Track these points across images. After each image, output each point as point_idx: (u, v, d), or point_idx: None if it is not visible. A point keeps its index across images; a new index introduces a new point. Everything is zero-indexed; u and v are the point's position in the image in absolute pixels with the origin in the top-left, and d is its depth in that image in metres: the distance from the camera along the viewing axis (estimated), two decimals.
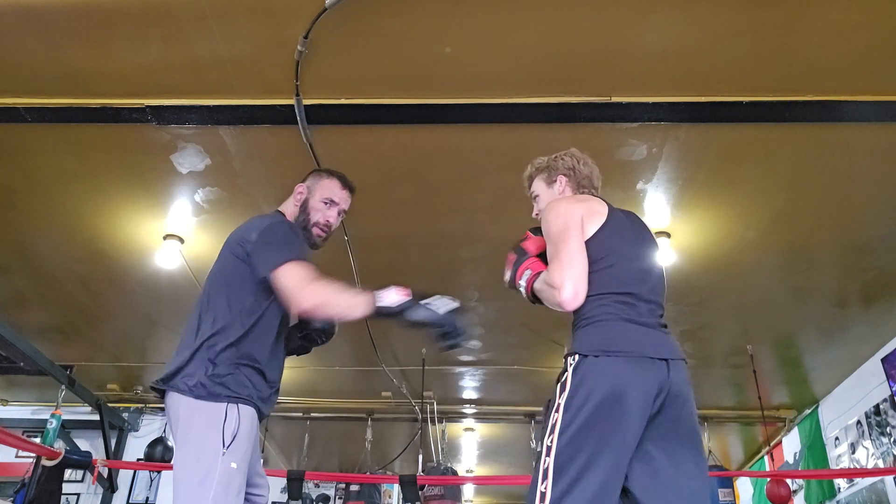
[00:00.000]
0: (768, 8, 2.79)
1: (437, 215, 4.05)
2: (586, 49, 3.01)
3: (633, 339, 1.76)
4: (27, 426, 7.08)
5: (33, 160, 3.72)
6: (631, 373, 1.68)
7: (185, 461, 1.90)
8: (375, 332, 5.46)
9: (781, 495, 5.55)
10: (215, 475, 1.85)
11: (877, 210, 3.94)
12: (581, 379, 1.69)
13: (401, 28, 2.93)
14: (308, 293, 1.96)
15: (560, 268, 1.82)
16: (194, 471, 1.87)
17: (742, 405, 6.97)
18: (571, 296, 1.78)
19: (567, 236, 1.87)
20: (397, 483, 5.16)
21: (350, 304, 1.98)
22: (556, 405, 1.69)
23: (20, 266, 4.75)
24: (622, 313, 1.80)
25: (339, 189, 2.37)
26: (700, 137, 3.47)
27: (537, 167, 2.28)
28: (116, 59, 3.08)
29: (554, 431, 1.65)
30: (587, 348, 1.74)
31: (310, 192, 2.33)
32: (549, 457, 1.62)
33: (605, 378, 1.67)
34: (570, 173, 2.20)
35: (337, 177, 2.39)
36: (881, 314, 5.09)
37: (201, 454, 1.88)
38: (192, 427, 1.92)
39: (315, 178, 2.38)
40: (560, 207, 1.99)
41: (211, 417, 1.91)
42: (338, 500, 8.89)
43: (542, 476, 1.61)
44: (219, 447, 1.88)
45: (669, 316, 5.65)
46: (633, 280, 1.87)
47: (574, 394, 1.68)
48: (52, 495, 4.84)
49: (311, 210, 2.30)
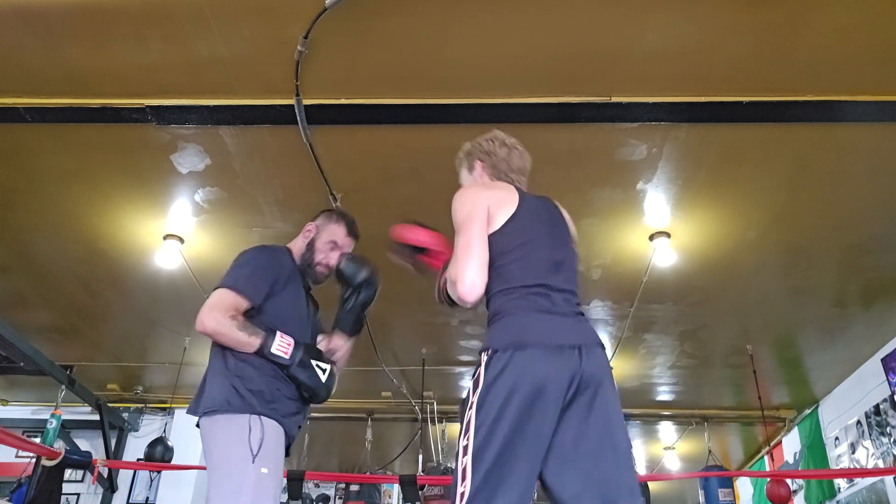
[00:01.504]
0: (768, 8, 2.79)
1: (437, 215, 4.03)
2: (586, 49, 3.01)
3: (544, 328, 1.70)
4: (27, 426, 7.08)
5: (33, 160, 3.72)
6: (542, 364, 1.63)
7: (218, 474, 2.01)
8: (375, 332, 5.46)
9: (781, 495, 5.55)
10: (249, 482, 1.95)
11: (877, 210, 3.94)
12: (494, 375, 1.64)
13: (401, 28, 2.93)
14: (209, 317, 2.09)
15: (457, 260, 1.76)
16: None
17: (742, 405, 6.97)
18: (469, 288, 1.73)
19: (468, 225, 1.81)
20: (397, 483, 5.16)
21: (238, 341, 2.10)
22: (470, 403, 1.64)
23: (20, 266, 4.75)
24: (534, 304, 1.74)
25: (343, 235, 2.50)
26: (700, 137, 3.47)
27: (462, 153, 2.20)
28: (116, 59, 3.08)
29: (469, 430, 1.61)
30: (498, 343, 1.69)
31: (317, 233, 2.47)
32: (466, 456, 1.58)
33: (516, 372, 1.62)
34: (485, 157, 2.12)
35: (345, 223, 2.51)
36: (881, 314, 5.09)
37: (232, 464, 2.00)
38: (222, 442, 2.06)
39: (325, 220, 2.51)
40: (465, 196, 1.93)
41: (236, 430, 2.04)
42: (338, 500, 8.89)
43: (461, 477, 1.57)
44: (248, 456, 2.00)
45: (669, 316, 5.63)
46: (545, 271, 1.81)
47: (487, 391, 1.63)
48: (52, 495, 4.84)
49: (316, 250, 2.44)
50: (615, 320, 5.36)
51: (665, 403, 7.14)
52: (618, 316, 5.28)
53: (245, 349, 2.11)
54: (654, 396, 6.98)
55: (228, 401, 2.05)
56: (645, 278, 4.60)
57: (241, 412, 2.04)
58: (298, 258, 2.44)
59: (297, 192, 3.93)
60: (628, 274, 4.64)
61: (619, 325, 5.40)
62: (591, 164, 3.67)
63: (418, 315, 5.33)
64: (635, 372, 6.35)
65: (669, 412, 7.30)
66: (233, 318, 2.10)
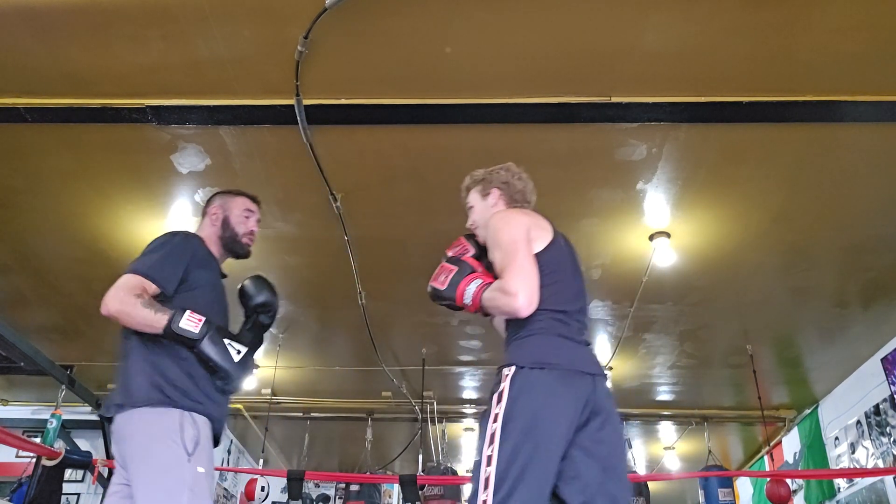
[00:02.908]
0: (768, 8, 2.79)
1: (437, 215, 4.05)
2: (586, 49, 3.01)
3: (566, 353, 1.86)
4: (27, 426, 7.08)
5: (33, 160, 3.72)
6: (563, 385, 1.78)
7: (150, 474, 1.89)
8: (375, 333, 5.46)
9: (781, 495, 5.55)
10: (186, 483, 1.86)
11: (877, 210, 3.94)
12: (518, 391, 1.78)
13: (401, 28, 2.93)
14: (114, 299, 2.00)
15: (515, 275, 1.88)
16: None
17: (742, 405, 6.97)
18: (527, 302, 1.85)
19: (519, 246, 1.94)
20: (397, 483, 5.16)
21: (146, 320, 1.99)
22: (494, 415, 1.77)
23: (20, 266, 4.75)
24: (557, 329, 1.90)
25: (251, 203, 2.48)
26: (700, 137, 3.47)
27: (474, 179, 2.33)
28: (116, 59, 3.08)
29: (493, 441, 1.73)
30: (523, 361, 1.83)
31: (226, 211, 2.42)
32: (491, 466, 1.70)
33: (540, 390, 1.77)
34: (504, 187, 2.26)
35: (244, 194, 2.49)
36: (881, 314, 5.09)
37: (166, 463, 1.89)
38: (151, 438, 1.94)
39: (223, 200, 2.46)
40: (511, 217, 2.07)
41: (167, 426, 1.93)
42: (338, 500, 8.89)
43: (483, 485, 1.69)
44: (183, 455, 1.90)
45: (669, 316, 5.64)
46: (569, 299, 1.98)
47: (512, 405, 1.76)
48: (53, 495, 4.84)
49: (234, 224, 2.40)
50: (615, 320, 5.36)
51: (665, 403, 7.14)
52: (618, 316, 5.28)
53: (153, 327, 1.98)
54: (654, 396, 6.98)
55: (155, 395, 1.94)
56: (645, 278, 4.61)
57: (170, 407, 1.93)
58: (215, 241, 2.37)
59: (297, 192, 3.93)
60: (628, 274, 4.64)
61: (619, 325, 5.40)
62: (591, 164, 3.67)
63: (418, 315, 5.33)
64: (635, 372, 6.36)
65: (669, 412, 7.31)
66: (138, 296, 2.00)
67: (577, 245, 2.21)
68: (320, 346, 6.10)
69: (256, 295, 2.37)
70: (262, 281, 2.41)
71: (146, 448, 1.89)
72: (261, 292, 2.37)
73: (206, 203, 2.49)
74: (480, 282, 1.99)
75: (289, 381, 6.69)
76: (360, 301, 4.96)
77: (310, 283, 4.94)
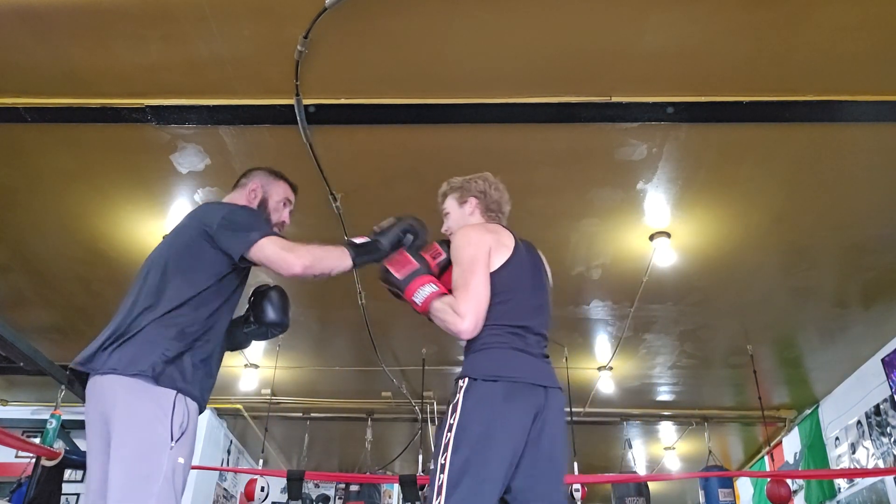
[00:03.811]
0: (768, 8, 2.79)
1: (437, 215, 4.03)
2: (586, 49, 3.01)
3: (519, 366, 1.93)
4: (27, 426, 7.08)
5: (33, 160, 3.72)
6: (515, 397, 1.86)
7: (128, 453, 1.76)
8: (375, 333, 5.46)
9: (781, 495, 5.55)
10: (161, 470, 1.73)
11: (877, 210, 3.94)
12: (472, 403, 1.86)
13: (401, 28, 2.93)
14: (297, 256, 1.96)
15: (466, 298, 1.94)
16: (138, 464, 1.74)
17: (742, 405, 6.97)
18: (472, 327, 1.92)
19: (476, 267, 1.99)
20: (397, 483, 5.16)
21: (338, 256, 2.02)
22: (449, 425, 1.86)
23: (20, 266, 4.75)
24: (512, 343, 1.96)
25: (290, 192, 2.38)
26: (700, 137, 3.47)
27: (451, 186, 2.36)
28: (116, 59, 3.08)
29: (447, 450, 1.81)
30: (477, 373, 1.91)
31: (266, 192, 2.29)
32: (444, 474, 1.78)
33: (492, 402, 1.85)
34: (480, 196, 2.30)
35: (287, 181, 2.38)
36: (881, 314, 5.09)
37: (148, 445, 1.76)
38: (138, 414, 1.79)
39: (265, 178, 2.33)
40: (472, 235, 2.10)
41: (159, 405, 1.80)
42: (338, 500, 8.89)
43: (436, 492, 1.77)
44: (167, 439, 1.77)
45: (670, 316, 5.63)
46: (526, 314, 2.03)
47: (465, 416, 1.84)
48: (52, 495, 4.83)
49: (271, 210, 2.29)
50: (615, 320, 5.36)
51: (665, 403, 7.14)
52: (618, 316, 5.28)
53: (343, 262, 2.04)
54: (654, 396, 6.98)
55: (155, 368, 1.81)
56: (645, 278, 4.61)
57: (166, 386, 1.81)
58: None
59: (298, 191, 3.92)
60: (628, 274, 4.64)
61: (620, 325, 5.40)
62: (591, 164, 3.67)
63: (418, 315, 5.30)
64: (635, 372, 6.36)
65: (669, 412, 7.31)
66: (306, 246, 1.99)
67: (577, 245, 2.23)
68: (320, 347, 6.10)
69: (277, 314, 2.22)
70: (286, 301, 2.27)
71: (132, 421, 1.77)
72: (283, 313, 2.24)
73: (244, 175, 2.35)
74: (436, 289, 2.03)
75: (289, 382, 6.69)
76: (360, 301, 4.96)
77: (310, 283, 4.94)
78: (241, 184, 2.33)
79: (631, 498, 5.99)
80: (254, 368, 6.43)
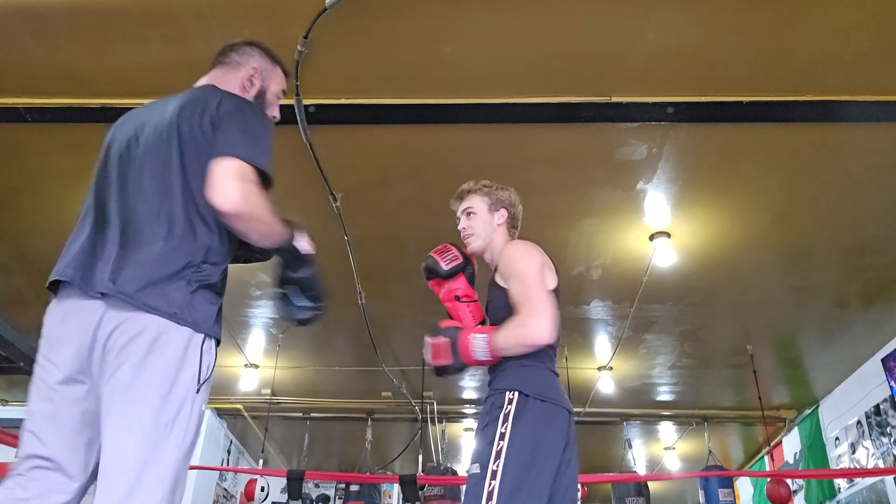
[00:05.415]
0: (768, 7, 2.79)
1: (437, 215, 4.03)
2: (586, 49, 3.01)
3: (556, 388, 2.01)
4: None
5: (33, 160, 3.72)
6: (555, 421, 1.93)
7: (148, 393, 1.41)
8: (375, 332, 5.46)
9: (781, 495, 5.55)
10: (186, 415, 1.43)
11: (877, 210, 3.94)
12: (526, 417, 1.91)
13: (401, 28, 2.93)
14: (241, 193, 1.53)
15: (540, 309, 1.96)
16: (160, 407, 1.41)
17: (742, 405, 6.97)
18: (550, 333, 1.93)
19: (540, 279, 2.03)
20: (397, 483, 5.16)
21: (274, 228, 1.63)
22: (501, 434, 1.89)
23: (20, 266, 4.75)
24: (548, 364, 2.04)
25: (286, 80, 1.95)
26: (700, 137, 3.47)
27: (483, 186, 2.33)
28: (116, 59, 3.08)
29: (500, 458, 1.84)
30: (528, 389, 1.94)
31: (264, 81, 1.86)
32: (496, 480, 1.81)
33: (541, 422, 1.91)
34: (510, 209, 2.30)
35: (281, 64, 1.92)
36: (881, 314, 5.09)
37: (173, 387, 1.43)
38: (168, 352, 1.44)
39: (264, 63, 1.86)
40: (533, 252, 2.12)
41: (190, 346, 1.48)
42: (338, 500, 8.90)
43: (486, 496, 1.80)
44: (195, 382, 1.46)
45: (670, 316, 5.62)
46: (557, 337, 2.08)
47: (522, 430, 1.88)
48: None
49: (268, 104, 1.87)
50: (615, 320, 5.36)
51: (665, 403, 7.14)
52: (618, 316, 5.28)
53: (272, 238, 1.64)
54: (654, 396, 6.98)
55: (190, 308, 1.49)
56: (645, 278, 4.61)
57: (195, 329, 1.48)
58: None
59: (297, 192, 3.92)
60: (628, 274, 4.64)
61: (619, 325, 5.40)
62: (591, 164, 3.67)
63: (418, 315, 5.32)
64: (635, 372, 6.36)
65: (669, 412, 7.31)
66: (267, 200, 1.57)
67: (577, 245, 2.24)
68: (320, 347, 6.09)
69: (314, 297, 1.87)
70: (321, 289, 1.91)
71: (157, 367, 1.42)
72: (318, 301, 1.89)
73: (234, 49, 1.85)
74: (483, 334, 2.01)
75: (289, 382, 6.69)
76: (360, 301, 4.96)
77: None
78: (234, 62, 1.84)
79: (631, 498, 5.99)
80: (254, 368, 6.43)
